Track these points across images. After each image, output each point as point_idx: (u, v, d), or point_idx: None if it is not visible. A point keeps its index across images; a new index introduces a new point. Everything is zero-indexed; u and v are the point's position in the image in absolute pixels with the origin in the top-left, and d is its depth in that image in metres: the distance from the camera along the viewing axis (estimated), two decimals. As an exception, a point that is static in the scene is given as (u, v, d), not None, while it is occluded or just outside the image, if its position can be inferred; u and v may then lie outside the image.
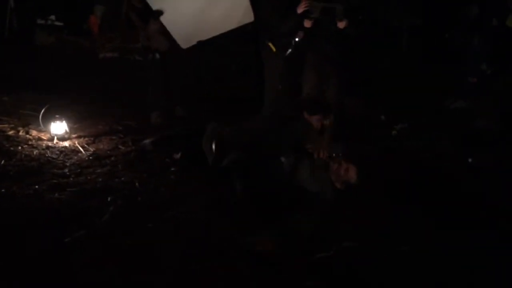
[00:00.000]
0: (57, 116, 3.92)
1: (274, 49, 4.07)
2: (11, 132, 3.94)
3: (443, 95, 5.57)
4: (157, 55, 4.56)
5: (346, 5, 3.54)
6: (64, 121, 3.95)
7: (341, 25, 3.56)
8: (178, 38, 4.26)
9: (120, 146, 3.89)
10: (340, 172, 3.04)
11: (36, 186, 3.04)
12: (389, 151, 4.03)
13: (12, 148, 3.61)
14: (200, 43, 4.38)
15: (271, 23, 3.96)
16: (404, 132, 4.45)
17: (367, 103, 5.18)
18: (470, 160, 3.73)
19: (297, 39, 4.00)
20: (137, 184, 3.20)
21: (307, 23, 3.66)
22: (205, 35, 4.37)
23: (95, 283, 2.13)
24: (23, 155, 3.52)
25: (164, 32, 4.28)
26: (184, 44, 4.31)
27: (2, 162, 3.36)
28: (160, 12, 4.12)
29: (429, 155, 3.98)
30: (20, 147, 3.66)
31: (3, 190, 2.94)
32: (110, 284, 2.15)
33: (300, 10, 3.69)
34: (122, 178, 3.28)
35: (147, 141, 3.74)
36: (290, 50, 3.96)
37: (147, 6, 4.14)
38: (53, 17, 9.73)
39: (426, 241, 2.69)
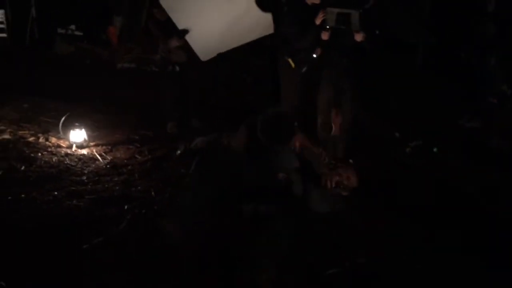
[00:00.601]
0: (76, 124, 4.01)
1: (293, 65, 4.12)
2: (31, 139, 4.03)
3: (458, 114, 5.55)
4: (177, 68, 4.63)
5: (362, 12, 3.53)
6: (83, 129, 4.03)
7: (358, 37, 3.58)
8: (199, 51, 4.31)
9: (136, 155, 3.95)
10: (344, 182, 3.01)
11: (55, 193, 3.11)
12: (403, 168, 4.02)
13: (32, 154, 3.70)
14: (220, 56, 4.42)
15: (290, 39, 4.01)
16: (418, 149, 4.44)
17: (381, 120, 5.19)
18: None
19: (314, 56, 4.06)
20: (153, 193, 3.25)
21: (325, 35, 3.70)
22: (225, 48, 4.41)
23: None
24: (42, 162, 3.60)
25: (184, 45, 4.36)
26: (204, 57, 4.37)
27: (23, 168, 3.44)
28: (186, 32, 4.19)
29: (443, 173, 3.97)
30: (40, 154, 3.74)
31: (23, 195, 3.01)
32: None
33: (318, 20, 3.73)
34: (139, 187, 3.33)
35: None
36: (306, 66, 4.00)
37: (170, 21, 4.20)
38: (73, 26, 9.92)
39: (439, 260, 2.68)
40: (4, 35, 9.64)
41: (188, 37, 4.23)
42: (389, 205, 3.30)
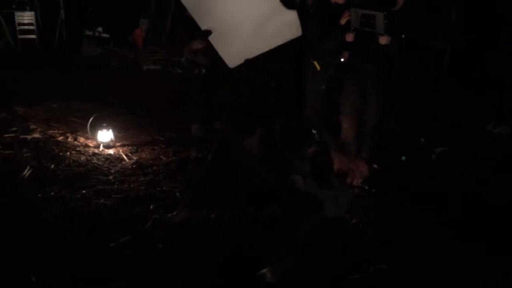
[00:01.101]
0: (104, 124, 4.09)
1: (318, 68, 4.12)
2: (60, 138, 4.14)
3: (485, 119, 5.46)
4: (203, 70, 4.67)
5: (387, 14, 3.50)
6: (110, 130, 4.11)
7: (383, 40, 3.53)
8: (226, 57, 4.28)
9: (161, 156, 4.01)
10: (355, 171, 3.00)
11: (83, 191, 3.18)
12: (428, 174, 3.97)
13: (61, 153, 3.80)
14: (247, 61, 4.39)
15: (315, 41, 4.01)
16: (444, 155, 4.38)
17: (407, 125, 5.14)
18: None
19: (342, 60, 4.05)
20: (177, 193, 3.29)
21: (349, 36, 3.68)
22: (253, 53, 4.38)
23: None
24: (71, 161, 3.69)
25: (209, 48, 4.38)
26: (231, 63, 4.32)
27: (52, 166, 3.53)
28: (208, 33, 4.15)
29: (468, 180, 3.91)
30: (68, 153, 3.83)
31: (52, 194, 3.09)
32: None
33: (343, 20, 3.72)
34: (164, 188, 3.38)
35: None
36: (332, 69, 4.00)
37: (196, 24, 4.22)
38: (100, 29, 10.17)
39: (463, 267, 2.64)
40: (34, 36, 9.92)
41: (214, 44, 4.22)
42: (413, 211, 3.26)
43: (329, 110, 4.31)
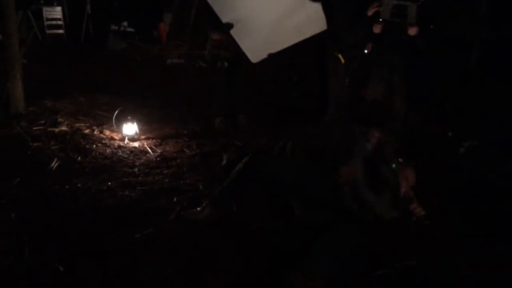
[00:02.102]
0: (129, 117, 4.14)
1: (343, 61, 4.07)
2: (87, 131, 4.21)
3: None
4: (226, 64, 4.67)
5: (419, 6, 3.40)
6: (135, 123, 4.16)
7: (412, 31, 3.45)
8: (248, 52, 4.25)
9: (185, 149, 4.03)
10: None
11: (109, 183, 3.23)
12: (455, 169, 3.88)
13: (87, 146, 3.86)
14: (271, 56, 4.36)
15: (340, 34, 3.96)
16: (473, 150, 4.27)
17: (434, 118, 5.03)
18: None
19: (366, 51, 3.99)
20: (201, 186, 3.31)
21: (377, 28, 3.61)
22: (276, 48, 4.33)
23: (157, 282, 2.23)
24: (97, 153, 3.75)
25: (232, 42, 4.38)
26: (254, 58, 4.29)
27: (79, 158, 3.60)
28: (230, 26, 4.13)
29: (497, 175, 3.80)
30: (94, 145, 3.90)
31: (79, 185, 3.15)
32: (172, 283, 2.24)
33: (371, 11, 3.66)
34: (187, 180, 3.40)
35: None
36: (356, 62, 3.94)
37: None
38: (125, 23, 10.30)
39: (490, 265, 2.57)
40: (61, 31, 10.10)
41: (236, 38, 4.21)
42: (440, 207, 3.19)
43: (355, 103, 4.26)
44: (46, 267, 2.25)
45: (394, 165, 2.72)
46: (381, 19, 3.58)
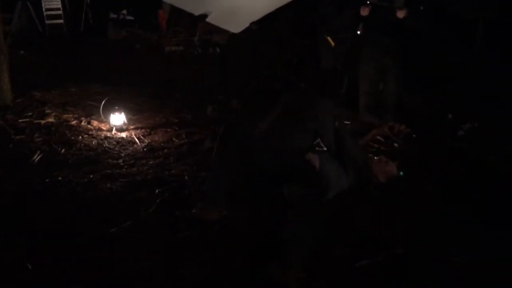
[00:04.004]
0: (116, 107, 4.05)
1: (332, 43, 3.93)
2: (74, 122, 4.14)
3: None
4: (218, 49, 4.56)
5: None
6: (122, 113, 4.07)
7: (401, 14, 3.31)
8: (230, 26, 4.10)
9: (174, 139, 3.94)
10: (382, 165, 2.81)
11: (91, 176, 3.16)
12: (453, 152, 3.73)
13: (73, 138, 3.79)
14: (254, 24, 4.15)
15: (328, 17, 3.81)
16: (473, 132, 4.10)
17: (434, 100, 4.85)
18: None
19: (358, 32, 3.84)
20: (186, 177, 3.22)
21: (364, 11, 3.46)
22: (256, 15, 4.13)
23: (134, 275, 2.16)
24: (82, 145, 3.68)
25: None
26: (236, 29, 4.14)
27: (63, 151, 3.53)
28: (204, 16, 4.01)
29: (496, 158, 3.63)
30: (80, 137, 3.83)
31: (60, 178, 3.08)
32: (148, 277, 2.16)
33: None
34: (173, 171, 3.31)
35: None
36: (347, 45, 3.79)
37: None
38: (124, 11, 10.17)
39: (483, 252, 2.44)
40: (61, 21, 10.02)
41: (215, 22, 4.04)
42: (434, 193, 3.06)
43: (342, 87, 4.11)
44: (15, 264, 2.18)
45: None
46: (368, 2, 3.42)
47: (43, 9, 9.79)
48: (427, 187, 3.12)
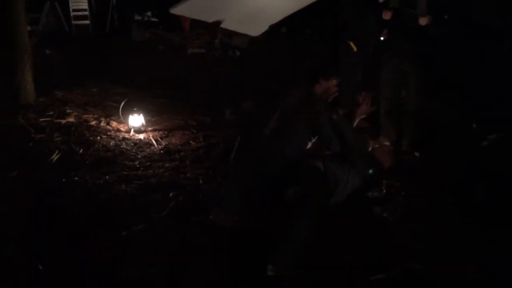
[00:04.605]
0: (134, 109, 4.07)
1: (355, 49, 3.86)
2: (93, 123, 4.17)
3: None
4: (237, 52, 4.54)
5: None
6: (141, 114, 4.08)
7: (423, 21, 3.23)
8: (248, 30, 4.07)
9: (191, 142, 3.93)
10: (382, 150, 2.79)
11: (107, 177, 3.17)
12: (476, 163, 3.60)
13: (91, 138, 3.82)
14: (273, 27, 4.11)
15: (351, 22, 3.74)
16: (498, 143, 3.95)
17: (457, 109, 4.70)
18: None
19: (382, 38, 3.76)
20: (201, 181, 3.20)
21: (386, 14, 3.40)
22: (276, 18, 4.10)
23: (140, 279, 2.14)
24: (100, 145, 3.70)
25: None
26: (255, 32, 4.11)
27: (81, 151, 3.56)
28: (217, 23, 3.99)
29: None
30: (99, 137, 3.86)
31: (76, 178, 3.10)
32: (155, 281, 2.14)
33: None
34: (188, 174, 3.30)
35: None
36: (370, 50, 3.71)
37: None
38: (149, 13, 10.26)
39: (500, 271, 2.32)
40: (87, 22, 10.18)
41: (232, 27, 4.02)
42: (455, 206, 2.96)
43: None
44: (26, 264, 2.19)
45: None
46: (391, 6, 3.34)
47: (70, 10, 9.98)
48: (447, 200, 3.02)
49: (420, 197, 3.05)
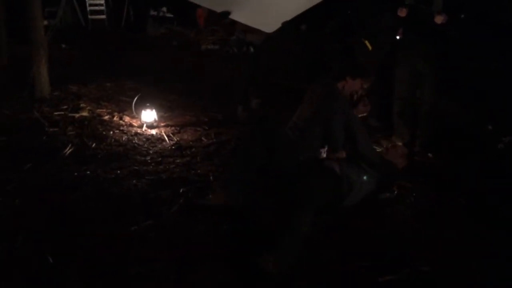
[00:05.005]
0: (147, 104, 4.09)
1: (370, 47, 3.82)
2: (106, 117, 4.20)
3: None
4: (251, 49, 4.53)
5: None
6: (153, 110, 4.10)
7: (438, 19, 3.16)
8: (261, 26, 4.08)
9: (203, 138, 3.94)
10: (394, 151, 2.81)
11: (118, 171, 3.18)
12: (491, 166, 3.55)
13: (104, 132, 3.85)
14: (286, 23, 4.11)
15: (366, 20, 3.70)
16: (514, 146, 3.89)
17: (473, 110, 4.64)
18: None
19: (398, 37, 3.72)
20: (211, 177, 3.20)
21: (402, 12, 3.34)
22: (289, 15, 4.08)
23: (148, 275, 2.14)
24: (112, 140, 3.72)
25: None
26: (269, 28, 4.12)
27: (93, 145, 3.58)
28: (226, 13, 4.02)
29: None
30: (111, 132, 3.88)
31: (88, 172, 3.12)
32: (163, 278, 2.15)
33: None
34: (199, 171, 3.30)
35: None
36: (385, 48, 3.66)
37: None
38: (164, 9, 10.33)
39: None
40: (103, 17, 10.28)
41: (243, 20, 4.03)
42: (467, 209, 2.92)
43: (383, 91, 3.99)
44: (36, 256, 2.21)
45: None
46: (406, 3, 3.29)
47: (87, 4, 10.08)
48: (459, 202, 2.98)
49: (432, 199, 3.02)
